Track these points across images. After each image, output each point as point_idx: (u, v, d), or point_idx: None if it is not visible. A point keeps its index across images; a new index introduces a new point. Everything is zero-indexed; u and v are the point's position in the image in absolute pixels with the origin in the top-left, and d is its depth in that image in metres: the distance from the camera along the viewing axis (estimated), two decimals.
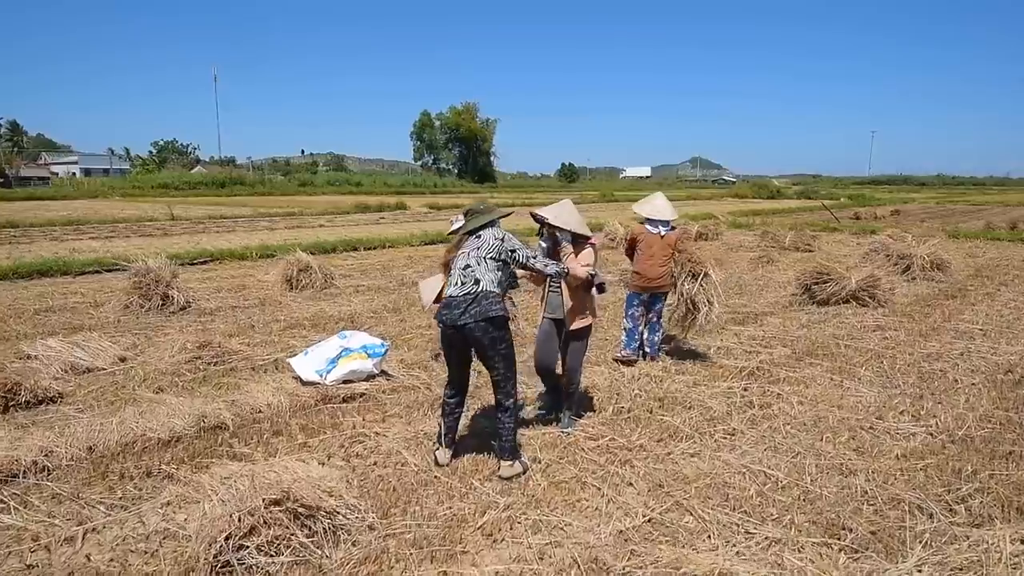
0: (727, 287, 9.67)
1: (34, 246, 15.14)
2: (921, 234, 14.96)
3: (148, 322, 7.29)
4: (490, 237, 3.68)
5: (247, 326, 7.11)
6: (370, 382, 4.97)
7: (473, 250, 3.65)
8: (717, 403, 4.65)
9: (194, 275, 11.00)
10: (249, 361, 5.65)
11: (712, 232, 17.54)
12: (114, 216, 23.88)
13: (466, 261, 3.62)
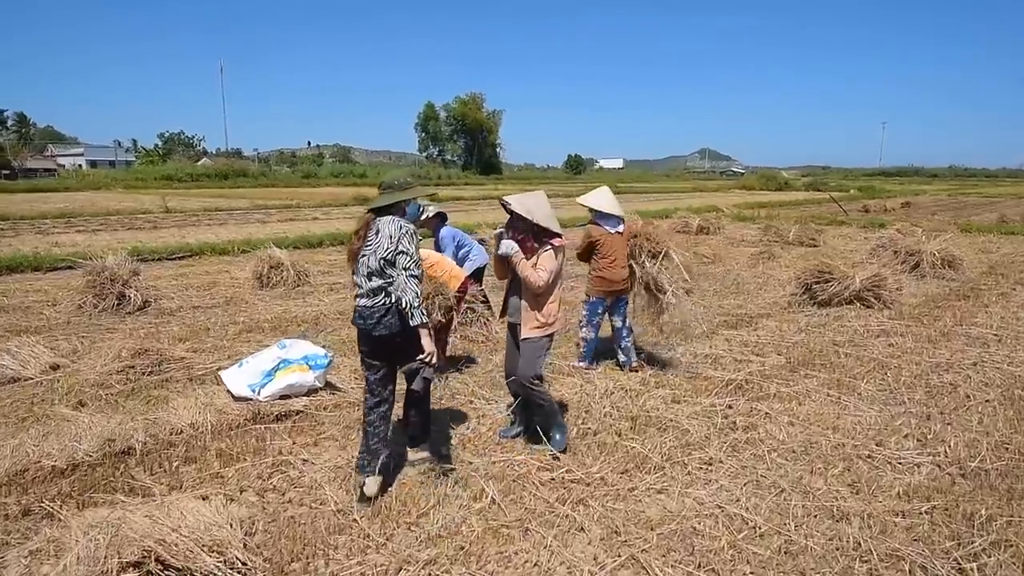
0: (723, 286, 9.14)
1: (17, 240, 14.75)
2: (932, 228, 14.31)
3: (99, 324, 6.83)
4: (387, 231, 3.11)
5: (202, 329, 6.64)
6: (311, 397, 4.47)
7: (371, 249, 3.15)
8: (696, 424, 4.12)
9: (167, 271, 10.58)
10: (188, 371, 5.17)
11: (713, 226, 16.90)
12: (108, 209, 23.51)
13: (366, 265, 3.16)
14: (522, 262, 3.53)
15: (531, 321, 3.63)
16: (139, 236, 15.67)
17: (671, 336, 6.41)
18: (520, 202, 3.56)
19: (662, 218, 18.89)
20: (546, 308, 3.62)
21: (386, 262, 3.08)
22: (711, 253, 12.10)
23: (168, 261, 11.85)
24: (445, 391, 4.78)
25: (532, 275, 3.50)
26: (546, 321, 3.63)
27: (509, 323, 3.81)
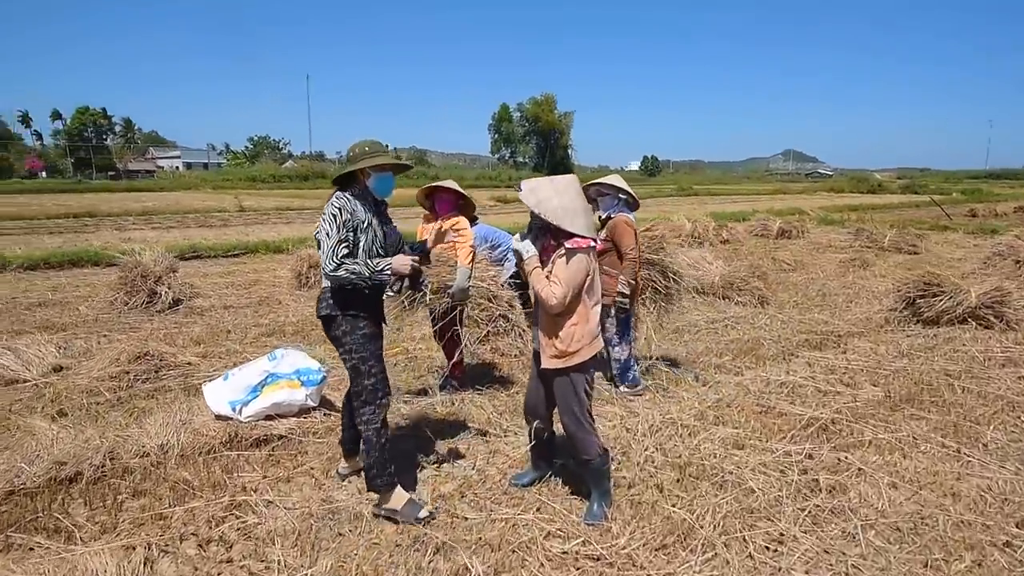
0: (806, 297, 7.97)
1: (94, 235, 15.30)
2: None
3: (125, 322, 6.58)
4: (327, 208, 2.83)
5: (222, 330, 6.24)
6: (301, 418, 3.87)
7: None
8: (764, 481, 3.20)
9: (216, 268, 10.47)
10: (186, 379, 4.71)
11: (797, 229, 15.38)
12: (189, 207, 24.38)
13: None
14: (534, 272, 2.76)
15: (548, 349, 2.84)
16: (205, 233, 15.96)
17: (737, 357, 5.43)
18: (532, 190, 2.78)
19: (739, 221, 17.51)
20: (565, 331, 2.80)
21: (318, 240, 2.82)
22: (792, 259, 10.82)
23: (223, 258, 11.79)
24: (456, 412, 4.07)
25: (543, 289, 2.72)
26: (566, 349, 2.81)
27: (534, 350, 3.02)
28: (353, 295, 2.81)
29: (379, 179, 2.89)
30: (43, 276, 9.50)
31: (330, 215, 2.75)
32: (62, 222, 18.64)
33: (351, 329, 2.83)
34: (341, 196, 2.81)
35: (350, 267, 2.70)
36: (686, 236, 13.48)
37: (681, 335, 6.14)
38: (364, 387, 2.86)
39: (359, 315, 2.85)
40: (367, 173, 2.86)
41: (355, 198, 2.83)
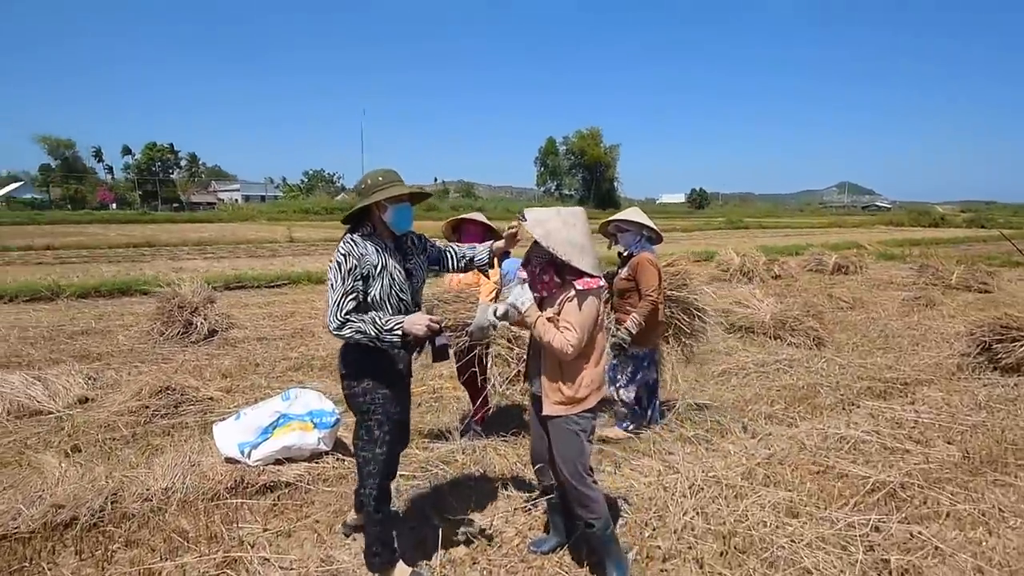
0: (866, 338, 7.38)
1: (148, 264, 15.80)
2: None
3: (158, 352, 6.57)
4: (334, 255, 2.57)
5: (251, 363, 6.14)
6: (313, 463, 3.64)
7: None
8: (823, 558, 2.77)
9: (256, 299, 10.55)
10: (204, 415, 4.57)
11: (854, 264, 14.59)
12: (242, 238, 25.10)
13: None
14: (539, 320, 2.46)
15: (553, 393, 2.55)
16: (254, 263, 16.29)
17: (791, 405, 4.96)
18: (539, 221, 2.49)
19: (791, 255, 16.79)
20: (574, 375, 2.53)
21: None
22: (850, 296, 10.15)
23: (266, 288, 11.92)
24: (476, 461, 3.77)
25: (555, 338, 2.42)
26: (573, 395, 2.53)
27: (531, 393, 2.74)
28: (375, 349, 2.50)
29: (396, 211, 2.58)
30: (92, 304, 9.75)
31: (335, 264, 2.46)
32: (122, 251, 19.42)
33: (371, 388, 2.55)
34: (348, 240, 2.51)
35: (356, 325, 2.41)
36: (734, 271, 12.95)
37: (727, 378, 5.70)
38: (374, 456, 2.59)
39: (380, 371, 2.55)
40: (382, 207, 2.56)
41: (365, 239, 2.53)
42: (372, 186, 2.56)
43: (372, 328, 2.41)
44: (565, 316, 2.45)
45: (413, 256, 2.71)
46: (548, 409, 2.55)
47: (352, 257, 2.47)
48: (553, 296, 2.52)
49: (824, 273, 14.19)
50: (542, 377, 2.56)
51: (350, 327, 2.41)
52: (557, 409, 2.55)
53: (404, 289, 2.59)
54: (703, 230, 35.95)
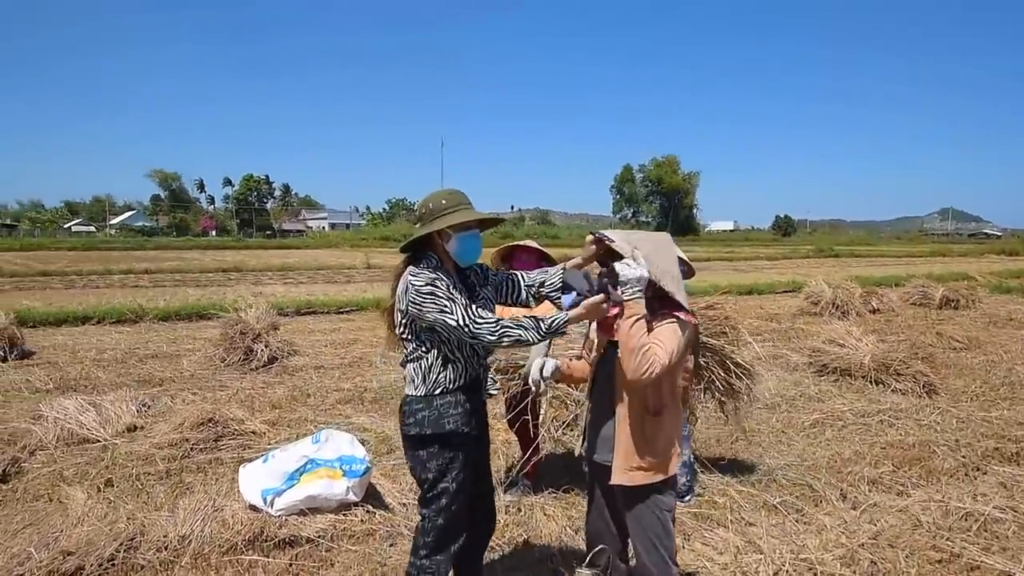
0: (987, 386, 6.38)
1: (231, 288, 16.42)
2: None
3: (217, 380, 6.54)
4: (402, 283, 2.21)
5: (303, 394, 5.97)
6: (340, 514, 3.29)
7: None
8: None
9: (324, 325, 10.58)
10: (243, 451, 4.36)
11: (965, 298, 13.06)
12: (323, 264, 25.97)
13: None
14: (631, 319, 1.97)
15: (628, 458, 2.08)
16: (328, 288, 16.63)
17: (900, 467, 4.20)
18: (629, 240, 2.08)
19: (890, 286, 15.35)
20: (658, 434, 2.09)
21: (404, 325, 2.24)
22: (964, 335, 8.97)
23: (335, 315, 11.99)
24: (521, 523, 3.30)
25: (645, 347, 1.93)
26: (657, 459, 2.09)
27: (591, 460, 2.27)
28: (453, 403, 2.20)
29: (463, 241, 2.21)
30: (171, 328, 10.05)
31: (427, 293, 2.08)
32: (211, 275, 20.39)
33: (441, 451, 2.20)
34: (419, 272, 2.13)
35: (508, 326, 2.06)
36: (825, 304, 11.85)
37: (820, 431, 4.96)
38: (435, 527, 2.23)
39: (459, 431, 2.20)
40: (446, 235, 2.20)
41: (430, 270, 2.16)
42: (435, 210, 2.20)
43: (536, 327, 2.07)
44: (658, 335, 2.00)
45: (479, 289, 2.36)
46: (622, 477, 2.09)
47: (440, 281, 2.12)
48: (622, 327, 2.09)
49: (930, 307, 12.79)
50: (616, 436, 2.11)
51: (503, 327, 2.06)
52: (635, 477, 2.08)
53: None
54: (790, 258, 34.04)
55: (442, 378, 2.19)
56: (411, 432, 2.21)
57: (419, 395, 2.20)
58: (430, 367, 2.19)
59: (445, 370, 2.19)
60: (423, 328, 2.16)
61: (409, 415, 2.22)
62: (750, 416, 5.27)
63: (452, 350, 2.19)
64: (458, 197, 2.23)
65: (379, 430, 4.80)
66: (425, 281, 2.10)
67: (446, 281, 2.12)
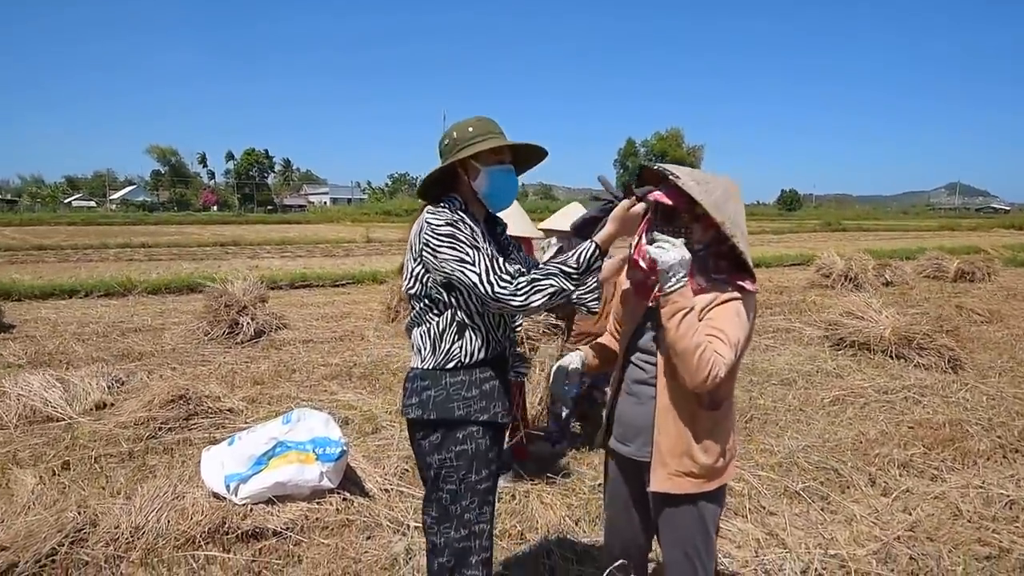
0: (1015, 361, 5.98)
1: (226, 262, 16.07)
2: None
3: (200, 353, 6.20)
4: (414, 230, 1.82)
5: (288, 369, 5.63)
6: (313, 503, 2.96)
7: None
8: None
9: (317, 298, 10.22)
10: (215, 431, 4.03)
11: (981, 270, 12.62)
12: (323, 238, 25.50)
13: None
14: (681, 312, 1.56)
15: (674, 461, 1.69)
16: (325, 262, 16.28)
17: (931, 449, 3.84)
18: (699, 181, 1.62)
19: (903, 259, 14.89)
20: (712, 433, 1.71)
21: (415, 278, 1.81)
22: (984, 308, 8.56)
23: (330, 288, 11.64)
24: (515, 511, 2.96)
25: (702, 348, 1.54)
26: (711, 463, 1.70)
27: (616, 453, 1.89)
28: (468, 382, 1.78)
29: (494, 177, 1.80)
30: (159, 301, 9.71)
31: (445, 235, 1.68)
32: (209, 249, 20.02)
33: (445, 441, 1.78)
34: (439, 211, 1.73)
35: (543, 281, 1.64)
36: (838, 276, 11.43)
37: (842, 409, 4.59)
38: (449, 541, 1.81)
39: (472, 419, 1.77)
40: (473, 169, 1.78)
41: (452, 212, 1.75)
42: (460, 140, 1.79)
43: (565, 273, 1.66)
44: (718, 322, 1.60)
45: (511, 251, 1.97)
46: (665, 484, 1.70)
47: (464, 224, 1.72)
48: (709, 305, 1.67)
49: (945, 280, 12.38)
50: (657, 431, 1.71)
51: (538, 286, 1.64)
52: (683, 485, 1.69)
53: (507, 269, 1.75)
54: (796, 232, 33.45)
55: (456, 349, 1.77)
56: (411, 415, 1.80)
57: (426, 368, 1.79)
58: (441, 334, 1.77)
59: (461, 339, 1.77)
60: (437, 283, 1.75)
61: (411, 393, 1.81)
62: (765, 393, 4.93)
63: (471, 314, 1.77)
64: (488, 125, 1.81)
65: (365, 408, 4.46)
66: (445, 220, 1.70)
67: (471, 226, 1.73)
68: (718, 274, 1.66)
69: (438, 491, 1.79)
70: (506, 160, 1.82)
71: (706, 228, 1.65)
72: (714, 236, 1.65)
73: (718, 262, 1.67)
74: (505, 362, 1.89)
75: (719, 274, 1.66)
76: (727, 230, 1.58)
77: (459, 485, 1.77)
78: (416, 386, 1.80)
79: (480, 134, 1.78)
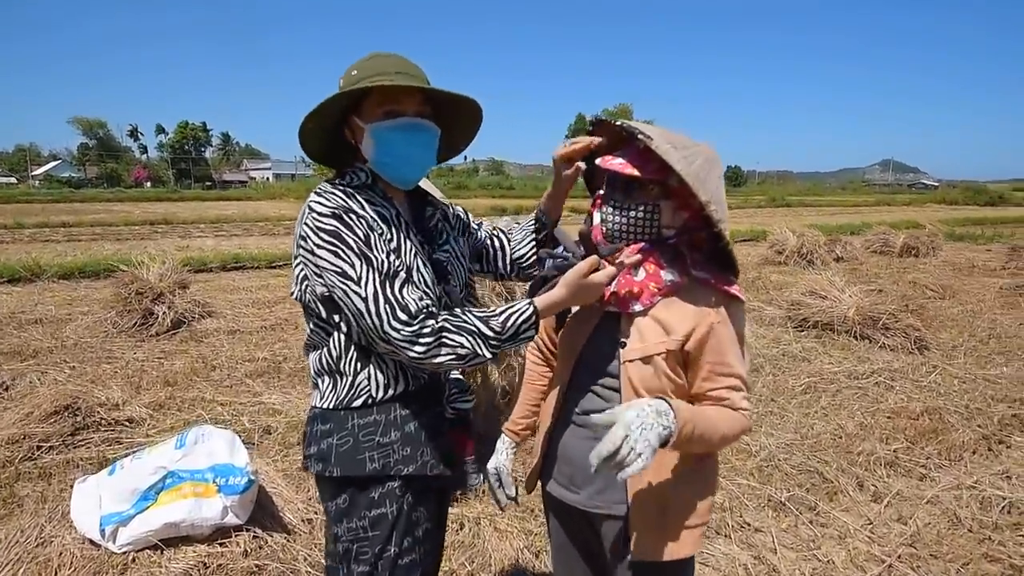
0: (975, 339, 5.87)
1: (154, 243, 14.94)
2: None
3: (105, 349, 5.45)
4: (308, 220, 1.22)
5: (208, 365, 4.98)
6: (213, 545, 2.41)
7: None
8: None
9: (253, 281, 9.43)
10: (110, 447, 3.40)
11: (925, 245, 12.83)
12: (262, 216, 24.21)
13: None
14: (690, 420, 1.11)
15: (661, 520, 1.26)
16: (263, 242, 15.34)
17: (915, 443, 3.57)
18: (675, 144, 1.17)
19: (849, 234, 15.07)
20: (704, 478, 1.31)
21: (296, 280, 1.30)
22: (937, 284, 8.56)
23: (266, 270, 10.84)
24: (462, 547, 2.49)
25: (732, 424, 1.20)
26: (698, 525, 1.27)
27: (558, 501, 1.41)
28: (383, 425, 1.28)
29: (383, 138, 1.25)
30: (70, 287, 8.76)
31: (328, 230, 1.17)
32: (137, 229, 18.67)
33: (355, 505, 1.28)
34: (330, 191, 1.23)
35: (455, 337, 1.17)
36: (791, 253, 11.35)
37: (815, 398, 4.30)
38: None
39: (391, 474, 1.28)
40: (357, 129, 1.27)
41: (357, 192, 1.26)
42: (343, 87, 1.24)
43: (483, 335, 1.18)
44: (720, 355, 1.20)
45: (446, 239, 1.42)
46: (650, 551, 1.25)
47: (355, 217, 1.19)
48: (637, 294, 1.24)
49: (892, 255, 12.53)
50: (632, 484, 1.26)
51: (444, 343, 1.15)
52: (677, 549, 1.25)
53: (432, 290, 1.29)
54: (743, 208, 33.93)
55: (364, 380, 1.27)
56: (312, 468, 1.31)
57: (326, 408, 1.30)
58: (339, 360, 1.27)
59: (368, 366, 1.27)
60: (316, 296, 1.25)
61: (310, 440, 1.32)
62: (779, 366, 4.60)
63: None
64: (383, 63, 1.25)
65: (292, 413, 3.89)
66: (332, 209, 1.18)
67: (367, 221, 1.20)
68: (698, 271, 1.23)
69: (347, 571, 1.30)
70: (405, 113, 1.25)
71: (678, 208, 1.23)
72: (687, 220, 1.23)
73: (693, 254, 1.25)
74: (438, 392, 1.39)
75: (700, 271, 1.23)
76: (713, 214, 1.16)
77: (375, 563, 1.28)
78: (315, 430, 1.32)
79: (366, 76, 1.22)
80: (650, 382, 1.21)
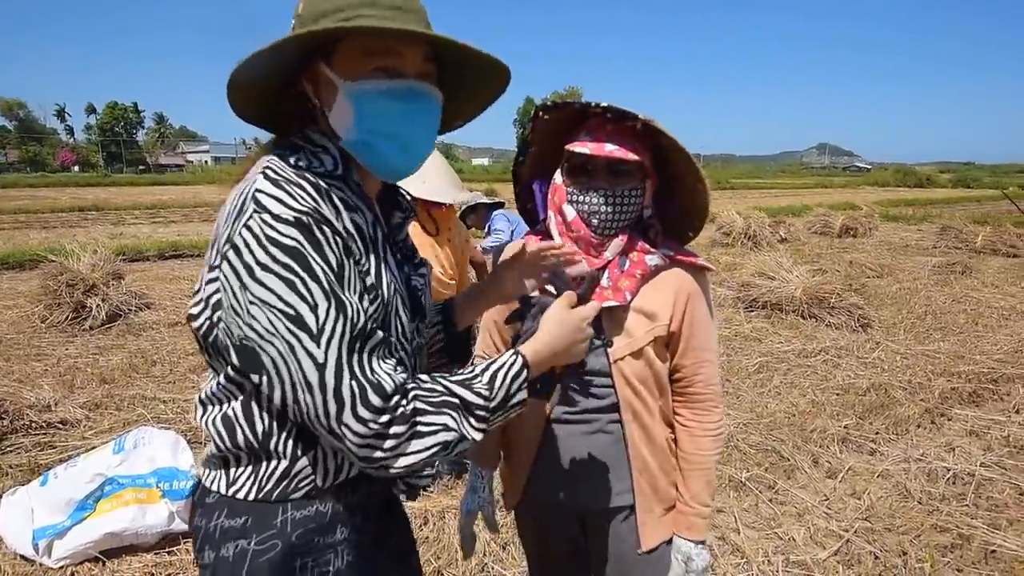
0: (913, 316, 6.13)
1: (84, 231, 14.11)
2: None
3: (33, 346, 5.09)
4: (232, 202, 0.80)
5: (147, 361, 4.71)
6: (163, 552, 2.26)
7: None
8: None
9: (194, 270, 9.01)
10: (41, 452, 3.16)
11: (863, 226, 13.41)
12: (202, 201, 23.15)
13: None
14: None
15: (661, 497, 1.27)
16: (203, 229, 14.73)
17: (864, 418, 3.69)
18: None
19: (791, 216, 15.56)
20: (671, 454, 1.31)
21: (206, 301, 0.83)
22: (875, 263, 8.92)
23: (201, 258, 10.39)
24: (429, 544, 2.43)
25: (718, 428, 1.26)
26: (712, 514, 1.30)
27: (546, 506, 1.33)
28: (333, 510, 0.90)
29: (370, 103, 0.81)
30: None
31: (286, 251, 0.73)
32: (65, 215, 17.64)
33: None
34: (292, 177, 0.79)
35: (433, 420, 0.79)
36: (738, 235, 11.63)
37: (768, 377, 4.40)
38: None
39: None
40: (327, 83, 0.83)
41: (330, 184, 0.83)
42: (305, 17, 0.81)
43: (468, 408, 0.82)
44: (694, 328, 1.21)
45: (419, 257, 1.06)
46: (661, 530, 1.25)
47: (326, 226, 0.77)
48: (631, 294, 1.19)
49: (832, 236, 13.01)
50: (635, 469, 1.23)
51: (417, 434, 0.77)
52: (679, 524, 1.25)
53: (406, 333, 0.93)
54: None
55: (305, 468, 0.87)
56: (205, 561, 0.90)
57: (235, 497, 0.87)
58: (267, 437, 0.85)
59: (314, 449, 0.87)
60: (228, 342, 0.80)
61: (205, 541, 0.89)
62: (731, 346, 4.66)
63: None
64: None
65: None
66: (296, 212, 0.75)
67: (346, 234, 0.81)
68: (663, 247, 1.21)
69: None
70: (406, 72, 0.83)
71: (652, 185, 1.20)
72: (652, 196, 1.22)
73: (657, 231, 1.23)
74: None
75: (664, 247, 1.21)
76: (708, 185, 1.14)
77: None
78: (215, 527, 0.87)
79: (341, 7, 0.79)
80: (642, 371, 1.19)
